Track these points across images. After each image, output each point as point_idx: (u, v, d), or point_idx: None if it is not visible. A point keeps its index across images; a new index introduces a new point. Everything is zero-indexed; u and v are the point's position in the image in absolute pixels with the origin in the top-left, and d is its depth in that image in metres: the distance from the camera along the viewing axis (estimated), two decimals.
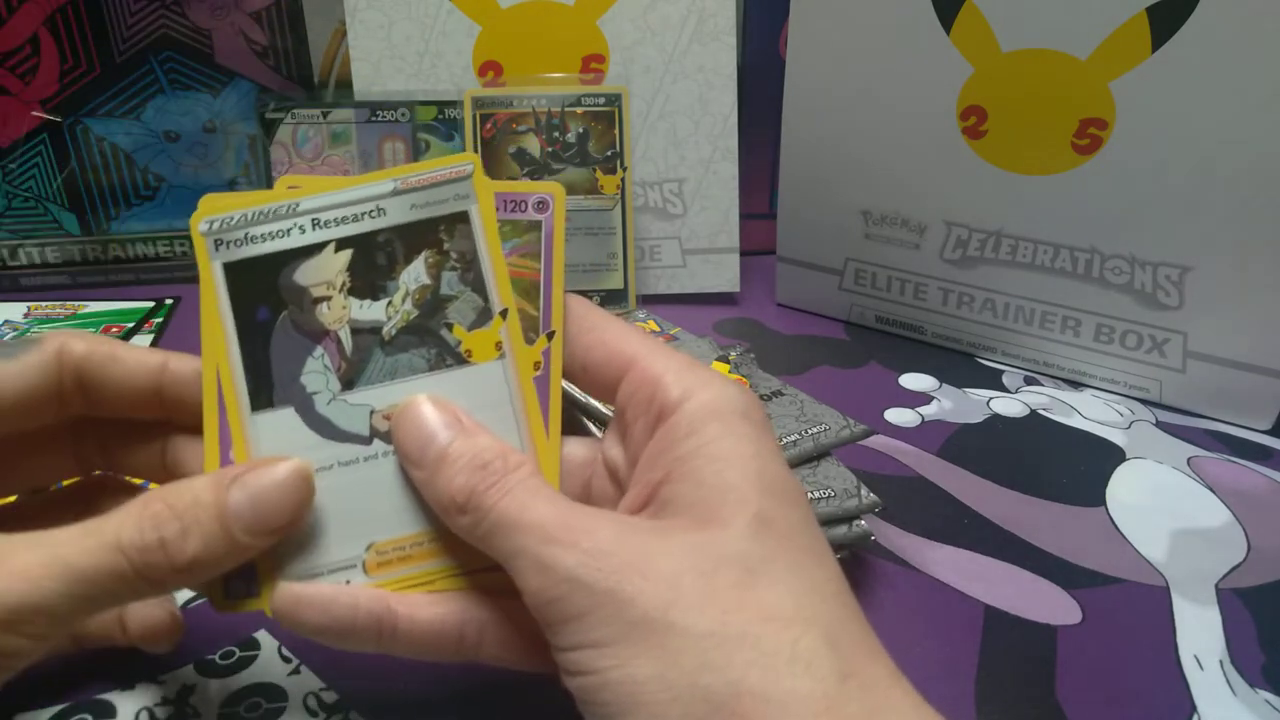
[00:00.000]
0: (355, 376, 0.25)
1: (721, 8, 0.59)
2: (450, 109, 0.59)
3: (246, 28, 0.60)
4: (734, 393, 0.24)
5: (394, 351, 0.25)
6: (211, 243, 0.25)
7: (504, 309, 0.26)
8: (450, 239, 0.26)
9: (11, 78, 0.57)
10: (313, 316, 0.25)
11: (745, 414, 0.24)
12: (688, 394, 0.24)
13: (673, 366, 0.24)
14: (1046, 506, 0.41)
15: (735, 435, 0.23)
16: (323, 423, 0.25)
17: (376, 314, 0.25)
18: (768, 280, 0.64)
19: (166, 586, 0.23)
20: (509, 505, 0.23)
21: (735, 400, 0.24)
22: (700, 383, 0.24)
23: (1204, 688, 0.31)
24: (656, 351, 0.25)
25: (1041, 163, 0.49)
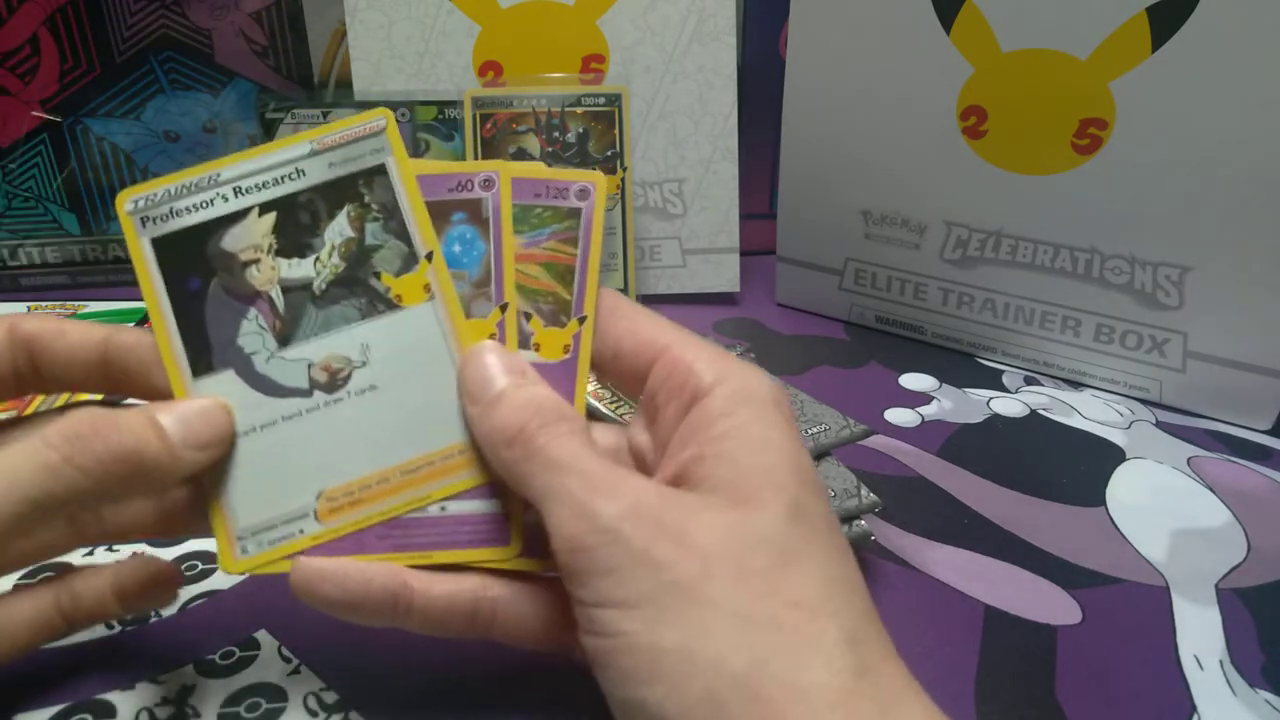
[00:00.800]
0: (291, 333, 0.26)
1: (721, 8, 0.59)
2: (450, 109, 0.59)
3: (246, 28, 0.60)
4: (765, 381, 0.24)
5: (325, 305, 0.26)
6: (138, 220, 0.26)
7: (429, 252, 0.26)
8: (370, 192, 0.26)
9: (11, 78, 0.57)
10: (243, 280, 0.26)
11: (776, 403, 0.24)
12: (721, 379, 0.24)
13: (704, 354, 0.25)
14: (1046, 506, 0.41)
15: (768, 422, 0.23)
16: (263, 380, 0.26)
17: (305, 271, 0.26)
18: (768, 280, 0.64)
19: (106, 483, 0.23)
20: (559, 448, 0.23)
21: (767, 388, 0.24)
22: (733, 370, 0.24)
23: (1204, 688, 0.31)
24: (688, 340, 0.25)
25: (1041, 163, 0.49)
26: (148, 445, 0.23)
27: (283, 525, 0.26)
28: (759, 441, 0.23)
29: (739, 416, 0.23)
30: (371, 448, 0.26)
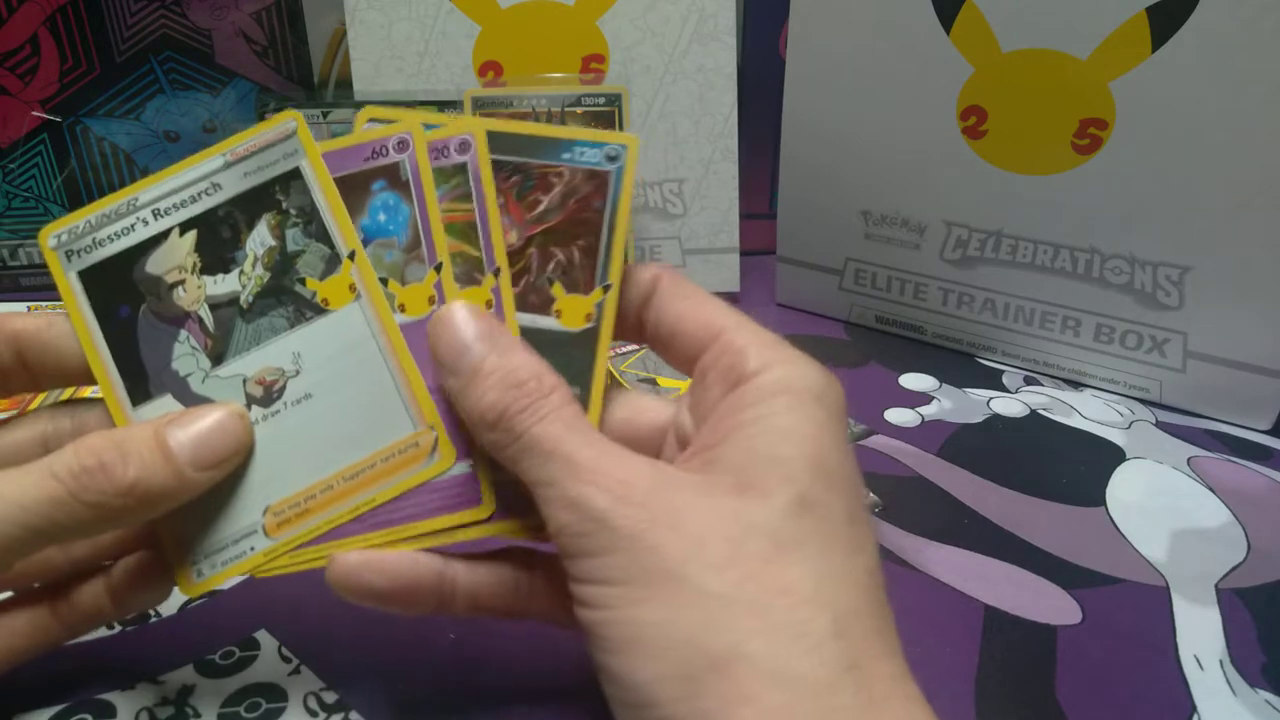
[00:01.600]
0: (223, 350, 0.26)
1: (721, 8, 0.59)
2: (450, 109, 0.59)
3: (246, 28, 0.60)
4: (814, 373, 0.24)
5: (254, 317, 0.26)
6: (63, 255, 0.26)
7: (350, 251, 0.26)
8: (287, 197, 0.26)
9: (11, 78, 0.57)
10: (170, 302, 0.26)
11: (819, 396, 0.23)
12: (765, 366, 0.24)
13: (758, 340, 0.25)
14: (1046, 506, 0.41)
15: (801, 414, 0.23)
16: (201, 402, 0.26)
17: (231, 285, 0.26)
18: (768, 280, 0.64)
19: (111, 515, 0.23)
20: (543, 432, 0.23)
21: (812, 380, 0.24)
22: (781, 358, 0.24)
23: (1204, 688, 0.31)
24: (746, 325, 0.25)
25: (1041, 163, 0.49)
26: (154, 476, 0.23)
27: (233, 545, 0.25)
28: (782, 432, 0.23)
29: (771, 406, 0.23)
30: (314, 456, 0.25)
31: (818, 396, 0.23)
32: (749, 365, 0.24)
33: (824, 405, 0.23)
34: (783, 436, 0.23)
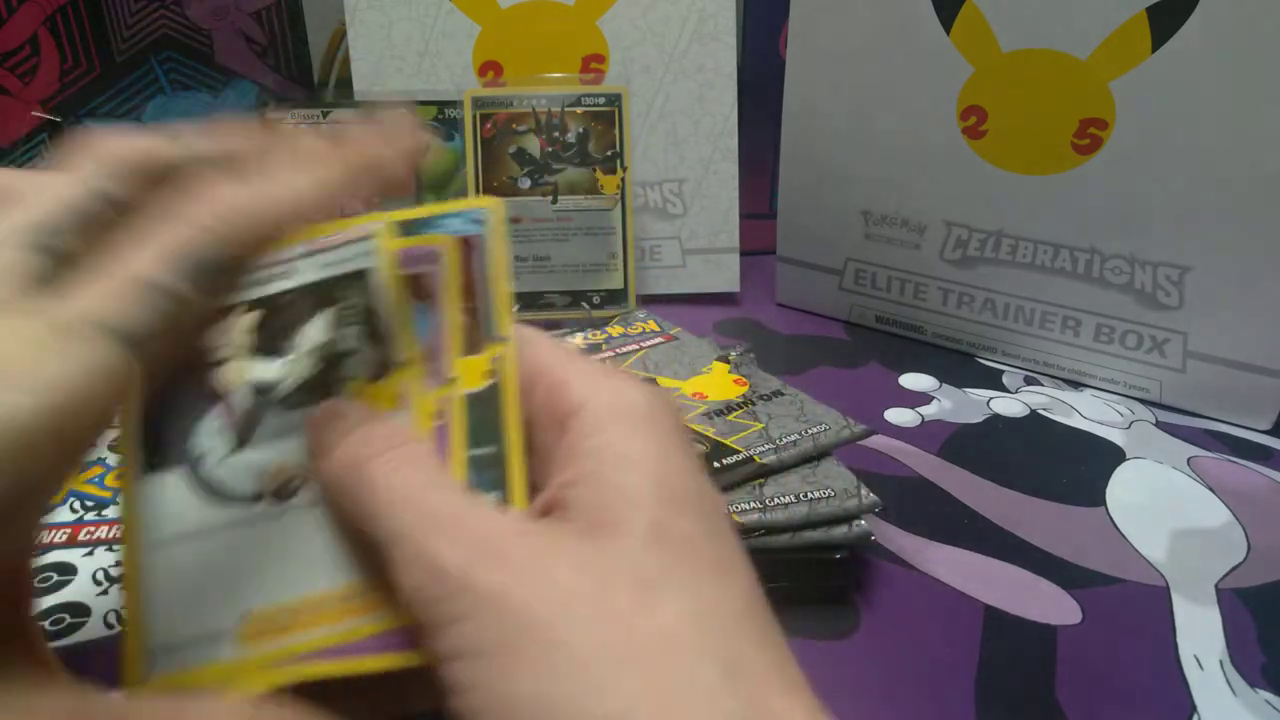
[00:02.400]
0: (248, 436, 0.24)
1: (721, 8, 0.59)
2: (450, 109, 0.59)
3: (246, 28, 0.60)
4: (639, 394, 0.23)
5: (289, 409, 0.24)
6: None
7: (405, 360, 0.24)
8: (352, 295, 0.25)
9: (11, 78, 0.57)
10: (211, 377, 0.24)
11: (650, 416, 0.22)
12: (590, 394, 0.22)
13: (578, 370, 0.23)
14: (1046, 506, 0.41)
15: (640, 437, 0.22)
16: (210, 483, 0.24)
17: (275, 373, 0.25)
18: (768, 280, 0.64)
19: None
20: (396, 482, 0.21)
21: (639, 401, 0.22)
22: (605, 385, 0.23)
23: (1204, 688, 0.31)
24: (570, 360, 0.23)
25: (1041, 163, 0.49)
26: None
27: (198, 645, 0.22)
28: (620, 459, 0.21)
29: (606, 433, 0.21)
30: (310, 568, 0.23)
31: (649, 417, 0.22)
32: (573, 397, 0.22)
33: (656, 424, 0.22)
34: (622, 463, 0.21)
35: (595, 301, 0.57)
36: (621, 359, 0.45)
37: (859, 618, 0.34)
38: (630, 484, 0.21)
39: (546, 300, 0.56)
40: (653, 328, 0.49)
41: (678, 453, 0.22)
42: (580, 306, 0.56)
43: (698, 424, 0.38)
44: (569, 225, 0.57)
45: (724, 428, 0.38)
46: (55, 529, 0.37)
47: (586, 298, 0.57)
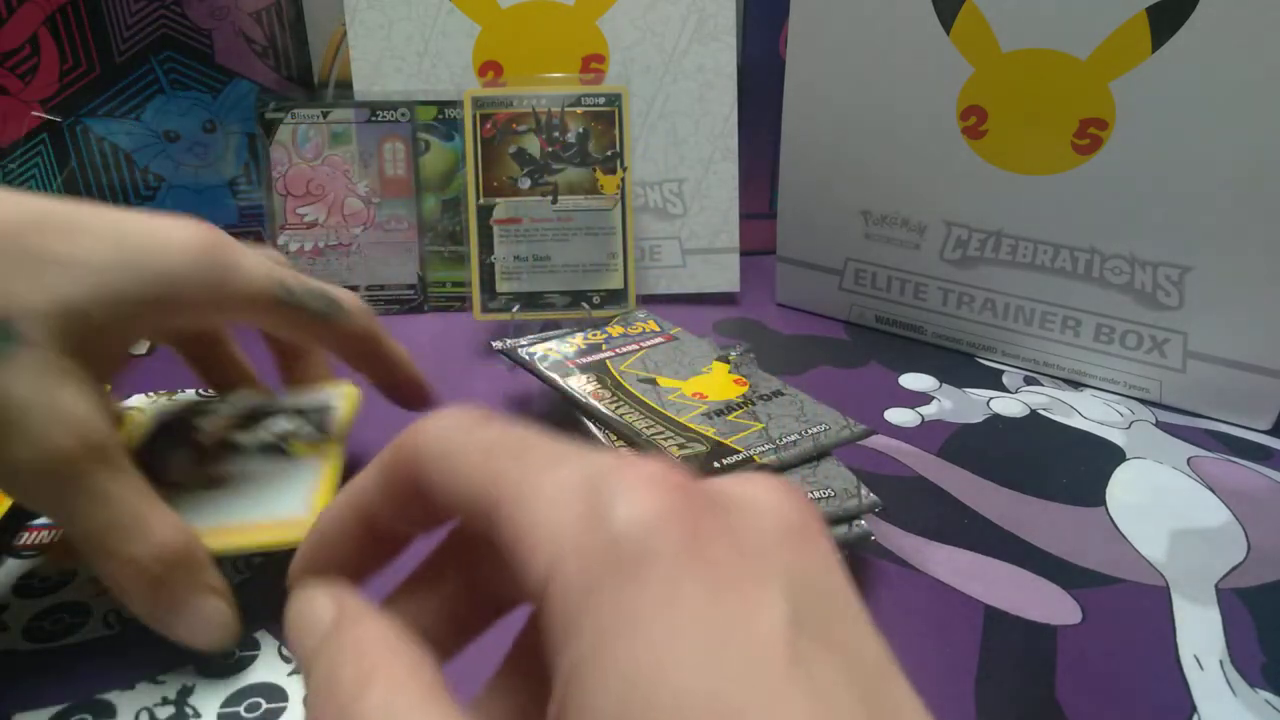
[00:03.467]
0: (205, 462, 0.35)
1: (721, 8, 0.59)
2: (450, 109, 0.59)
3: (246, 28, 0.60)
4: (624, 527, 0.14)
5: (243, 455, 0.36)
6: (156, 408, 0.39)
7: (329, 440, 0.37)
8: (313, 419, 0.39)
9: (11, 78, 0.57)
10: (196, 439, 0.36)
11: (643, 557, 0.14)
12: (553, 565, 0.14)
13: (542, 514, 0.15)
14: (1046, 506, 0.41)
15: (636, 627, 0.13)
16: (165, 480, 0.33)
17: (244, 439, 0.36)
18: (768, 280, 0.64)
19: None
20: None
21: (626, 542, 0.14)
22: (575, 529, 0.14)
23: (1204, 688, 0.31)
24: (524, 483, 0.16)
25: (1041, 163, 0.49)
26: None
27: None
28: (630, 679, 0.13)
29: (584, 642, 0.13)
30: (214, 516, 0.32)
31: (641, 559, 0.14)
32: (531, 572, 0.15)
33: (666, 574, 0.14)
34: (630, 694, 0.13)
35: (595, 301, 0.57)
36: (622, 359, 0.45)
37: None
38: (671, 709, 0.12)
39: (546, 300, 0.56)
40: (652, 328, 0.49)
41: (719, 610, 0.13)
42: (580, 306, 0.56)
43: (697, 424, 0.38)
44: (569, 225, 0.57)
45: (724, 428, 0.38)
46: (55, 529, 0.37)
47: (586, 298, 0.57)
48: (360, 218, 0.60)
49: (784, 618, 0.14)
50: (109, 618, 0.32)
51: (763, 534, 0.15)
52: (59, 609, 0.33)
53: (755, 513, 0.16)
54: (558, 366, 0.43)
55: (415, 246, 0.60)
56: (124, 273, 0.28)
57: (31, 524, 0.37)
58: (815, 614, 0.14)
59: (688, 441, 0.36)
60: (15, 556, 0.35)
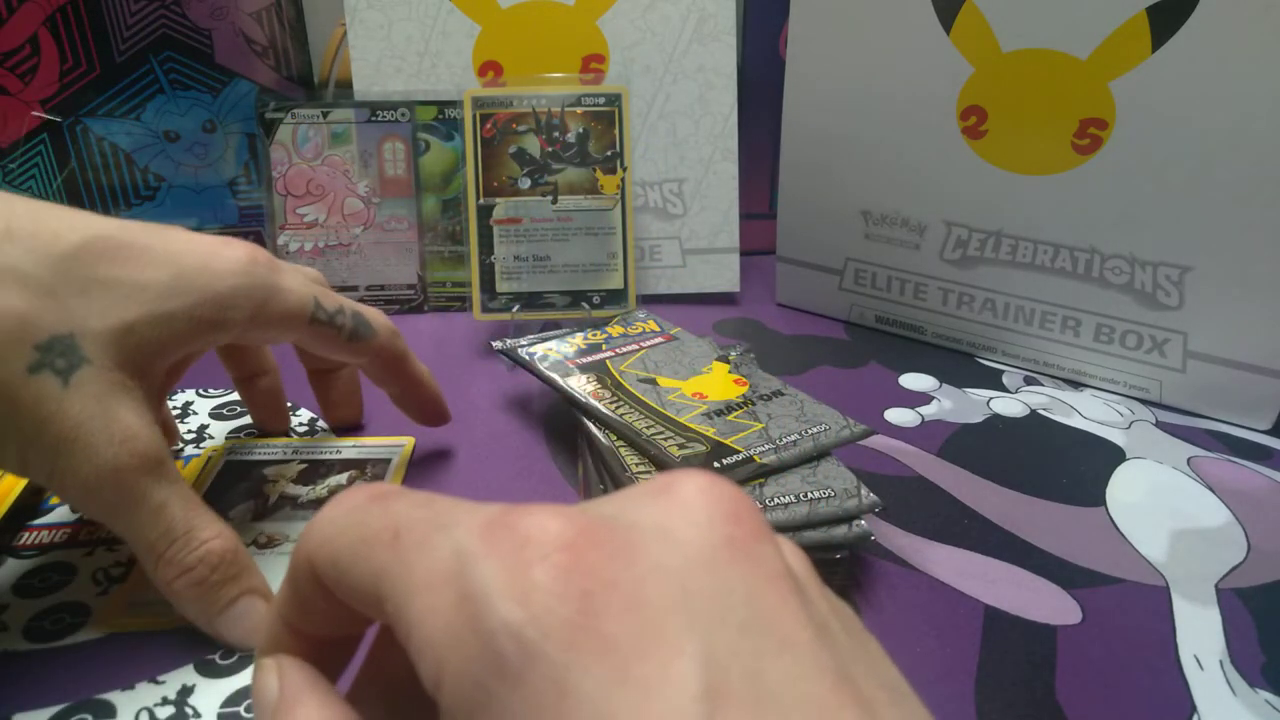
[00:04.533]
0: (264, 515, 0.38)
1: (721, 8, 0.59)
2: (450, 109, 0.59)
3: (246, 28, 0.60)
4: (498, 624, 0.13)
5: (300, 510, 0.39)
6: (228, 448, 0.43)
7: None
8: (370, 471, 0.41)
9: (11, 78, 0.57)
10: (260, 488, 0.40)
11: (524, 658, 0.13)
12: (439, 673, 0.13)
13: (412, 612, 0.14)
14: (1046, 506, 0.41)
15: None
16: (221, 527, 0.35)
17: (303, 493, 0.39)
18: (768, 280, 0.64)
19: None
20: None
21: (504, 641, 0.13)
22: (450, 632, 0.13)
23: (1204, 688, 0.31)
24: (400, 578, 0.15)
25: (1041, 163, 0.49)
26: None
27: (161, 603, 0.32)
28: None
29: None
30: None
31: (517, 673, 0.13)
32: (425, 681, 0.14)
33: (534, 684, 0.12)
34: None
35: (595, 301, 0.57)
36: (622, 359, 0.45)
37: (859, 618, 0.34)
38: None
39: (546, 300, 0.56)
40: (652, 328, 0.49)
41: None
42: (580, 306, 0.56)
43: (697, 424, 0.38)
44: (569, 225, 0.57)
45: (724, 428, 0.38)
46: (55, 529, 0.37)
47: (586, 298, 0.57)
48: (360, 218, 0.60)
49: (696, 692, 0.12)
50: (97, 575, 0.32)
51: (673, 574, 0.13)
52: (59, 609, 0.33)
53: (666, 542, 0.14)
54: (558, 366, 0.43)
55: (415, 246, 0.60)
56: (178, 296, 0.30)
57: (31, 524, 0.37)
58: (741, 659, 0.13)
59: (688, 441, 0.36)
60: (15, 556, 0.35)
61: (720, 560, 0.14)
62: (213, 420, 0.46)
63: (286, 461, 0.42)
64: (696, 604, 0.13)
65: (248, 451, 0.42)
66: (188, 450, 0.43)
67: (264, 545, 0.36)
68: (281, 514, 0.38)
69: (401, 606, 0.14)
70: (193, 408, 0.47)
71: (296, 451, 0.43)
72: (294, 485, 0.40)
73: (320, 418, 0.46)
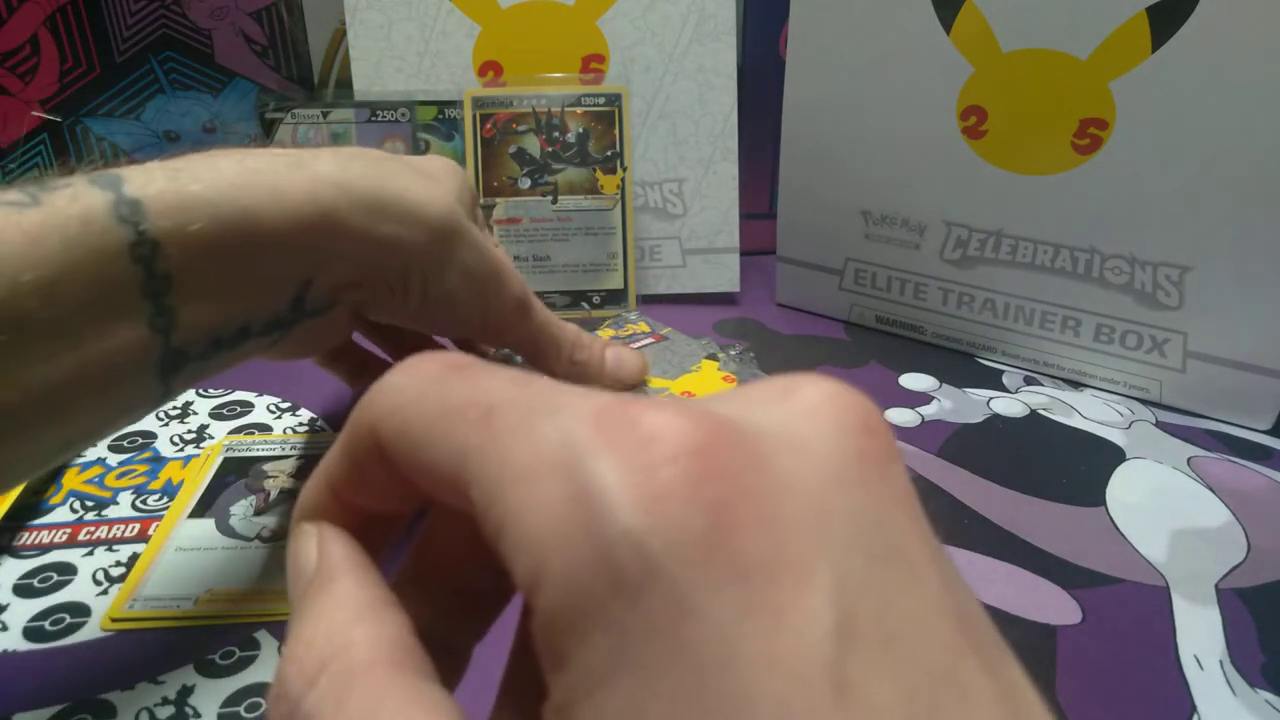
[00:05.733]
0: (266, 511, 0.38)
1: (721, 8, 0.59)
2: (450, 109, 0.59)
3: (246, 28, 0.60)
4: (619, 531, 0.11)
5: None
6: (225, 449, 0.43)
7: None
8: None
9: (11, 78, 0.57)
10: (260, 484, 0.40)
11: (645, 573, 0.11)
12: (538, 574, 0.12)
13: (508, 501, 0.12)
14: (1046, 506, 0.41)
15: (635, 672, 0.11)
16: (229, 528, 0.37)
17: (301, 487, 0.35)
18: (768, 280, 0.64)
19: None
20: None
21: (622, 553, 0.11)
22: (558, 529, 0.12)
23: (1204, 688, 0.31)
24: (494, 460, 0.13)
25: (1041, 163, 0.49)
26: (594, 363, 0.40)
27: (169, 600, 0.33)
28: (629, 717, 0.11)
29: (578, 672, 0.11)
30: (265, 574, 0.35)
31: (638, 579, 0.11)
32: (517, 579, 0.12)
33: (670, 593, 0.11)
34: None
35: (595, 301, 0.57)
36: None
37: None
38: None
39: (546, 300, 0.56)
40: (643, 329, 0.49)
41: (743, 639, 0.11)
42: (580, 306, 0.56)
43: None
44: (569, 225, 0.57)
45: None
46: (55, 529, 0.37)
47: (586, 298, 0.57)
48: None
49: (827, 627, 0.11)
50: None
51: (805, 489, 0.12)
52: (59, 609, 0.33)
53: (796, 452, 0.13)
54: None
55: None
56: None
57: (31, 524, 0.37)
58: (872, 592, 0.12)
59: None
60: (15, 556, 0.35)
61: (851, 478, 0.13)
62: (213, 420, 0.46)
63: (285, 458, 0.42)
64: (829, 525, 0.12)
65: (247, 449, 0.43)
66: (188, 450, 0.43)
67: (267, 539, 0.36)
68: (283, 509, 0.38)
69: (494, 494, 0.12)
70: (193, 408, 0.47)
71: (295, 448, 0.43)
72: (294, 480, 0.40)
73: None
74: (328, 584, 0.15)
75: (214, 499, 0.39)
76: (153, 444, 0.43)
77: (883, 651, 0.11)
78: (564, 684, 0.11)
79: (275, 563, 0.35)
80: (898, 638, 0.12)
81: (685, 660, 0.11)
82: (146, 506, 0.39)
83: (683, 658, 0.11)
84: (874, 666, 0.11)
